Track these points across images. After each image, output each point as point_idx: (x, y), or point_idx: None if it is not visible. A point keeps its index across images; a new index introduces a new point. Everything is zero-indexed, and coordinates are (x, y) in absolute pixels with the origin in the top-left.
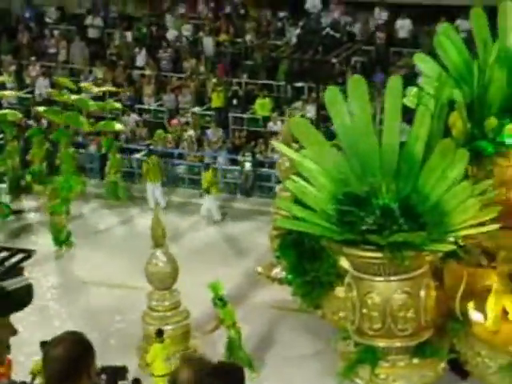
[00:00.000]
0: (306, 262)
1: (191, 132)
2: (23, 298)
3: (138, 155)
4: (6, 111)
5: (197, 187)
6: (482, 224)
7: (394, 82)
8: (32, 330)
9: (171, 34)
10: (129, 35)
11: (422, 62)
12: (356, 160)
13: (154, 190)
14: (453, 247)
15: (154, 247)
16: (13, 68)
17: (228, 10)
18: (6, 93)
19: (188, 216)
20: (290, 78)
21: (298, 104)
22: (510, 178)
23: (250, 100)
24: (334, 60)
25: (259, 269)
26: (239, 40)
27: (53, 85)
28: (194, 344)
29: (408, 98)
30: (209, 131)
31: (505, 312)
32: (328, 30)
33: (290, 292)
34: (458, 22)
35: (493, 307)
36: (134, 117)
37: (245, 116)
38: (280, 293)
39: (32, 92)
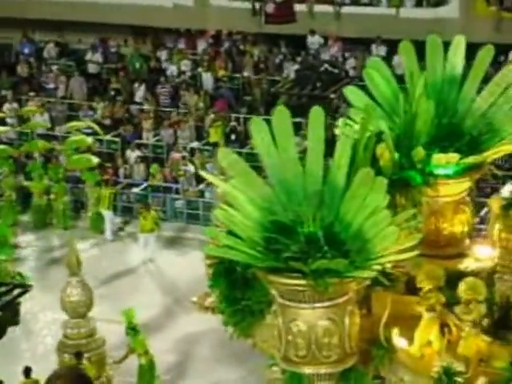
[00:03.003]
0: (238, 290)
1: (190, 167)
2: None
3: (136, 190)
4: (2, 147)
5: (196, 222)
6: (403, 251)
7: (316, 112)
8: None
9: (170, 70)
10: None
11: (351, 94)
12: (281, 189)
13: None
14: (374, 274)
15: (69, 276)
16: (14, 104)
17: (226, 45)
18: (3, 128)
19: (179, 249)
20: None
21: (297, 139)
22: (438, 208)
23: (249, 135)
24: (332, 95)
25: (194, 298)
26: (238, 75)
27: (52, 120)
28: (108, 372)
29: (339, 129)
30: (209, 166)
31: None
32: (326, 65)
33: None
34: None
35: (420, 335)
36: (137, 152)
37: (243, 151)
38: (214, 322)
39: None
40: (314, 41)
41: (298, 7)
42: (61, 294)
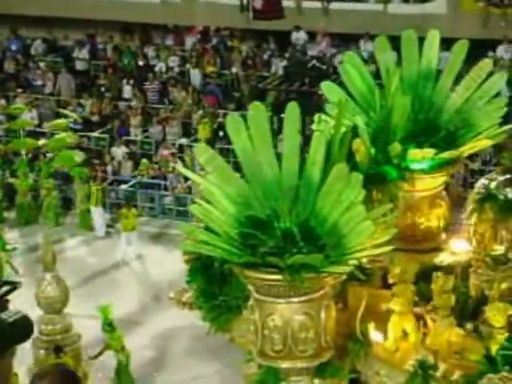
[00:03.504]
0: (215, 286)
1: (179, 163)
2: (25, 328)
3: (124, 186)
4: None
5: (184, 218)
6: (379, 246)
7: (291, 108)
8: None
9: (158, 66)
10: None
11: (328, 90)
12: (257, 184)
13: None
14: (350, 269)
15: (43, 271)
16: (2, 101)
17: (214, 41)
18: None
19: (166, 245)
20: (277, 110)
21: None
22: (415, 203)
23: None
24: (320, 91)
25: (171, 294)
26: (226, 72)
27: (40, 116)
28: (85, 367)
29: (314, 124)
30: (197, 162)
31: (404, 333)
32: (314, 61)
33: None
34: (441, 54)
35: (393, 328)
36: (123, 149)
37: (231, 147)
38: (191, 318)
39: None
40: (299, 37)
41: (286, 3)
42: (35, 290)
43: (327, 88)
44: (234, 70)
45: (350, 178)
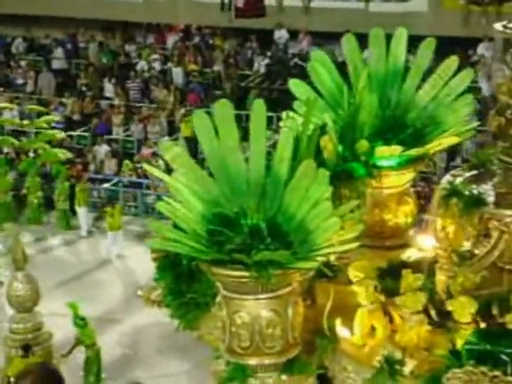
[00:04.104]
0: (183, 283)
1: (160, 162)
2: None
3: (106, 185)
4: None
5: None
6: (346, 242)
7: (258, 105)
8: None
9: (140, 64)
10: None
11: (295, 87)
12: (225, 181)
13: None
14: (317, 265)
15: (14, 270)
16: None
17: (196, 40)
18: None
19: (143, 244)
20: None
21: (268, 133)
22: (382, 200)
23: None
24: None
25: (140, 292)
26: (208, 70)
27: (21, 116)
28: (56, 365)
29: (282, 122)
30: None
31: (372, 328)
32: (296, 60)
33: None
34: None
35: (361, 324)
36: (105, 147)
37: None
38: (159, 315)
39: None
40: (281, 35)
41: (268, 1)
42: (7, 289)
43: (295, 85)
44: (216, 68)
45: (317, 174)
